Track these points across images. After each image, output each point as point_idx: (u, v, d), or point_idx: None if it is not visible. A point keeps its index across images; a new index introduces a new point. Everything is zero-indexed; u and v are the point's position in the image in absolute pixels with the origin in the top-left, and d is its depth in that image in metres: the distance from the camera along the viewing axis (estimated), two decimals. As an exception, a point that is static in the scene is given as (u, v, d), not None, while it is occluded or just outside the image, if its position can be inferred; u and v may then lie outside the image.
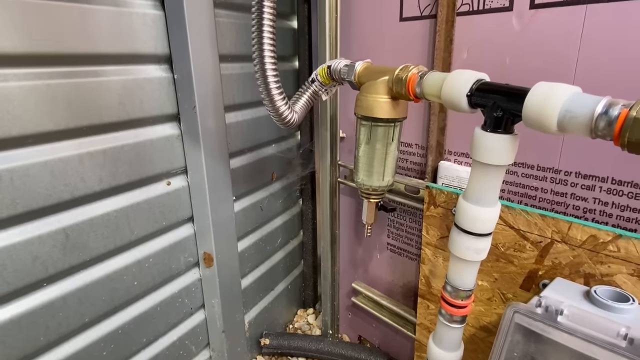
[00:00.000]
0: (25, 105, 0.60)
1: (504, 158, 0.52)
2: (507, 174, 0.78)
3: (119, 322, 0.80)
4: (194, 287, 0.95)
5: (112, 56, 0.71)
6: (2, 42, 0.57)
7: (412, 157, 0.94)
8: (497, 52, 0.74)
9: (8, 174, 0.60)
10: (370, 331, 1.21)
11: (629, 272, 0.61)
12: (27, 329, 0.65)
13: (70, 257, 0.70)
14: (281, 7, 1.05)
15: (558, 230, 0.68)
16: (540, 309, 0.56)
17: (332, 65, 0.76)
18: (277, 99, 0.72)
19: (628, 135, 0.40)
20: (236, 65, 0.94)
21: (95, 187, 0.71)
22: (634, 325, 0.52)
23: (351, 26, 0.96)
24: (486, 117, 0.53)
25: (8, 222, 0.62)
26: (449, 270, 0.64)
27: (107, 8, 0.68)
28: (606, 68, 0.63)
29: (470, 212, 0.57)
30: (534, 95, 0.46)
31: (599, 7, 0.62)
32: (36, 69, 0.62)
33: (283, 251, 1.27)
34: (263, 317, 1.21)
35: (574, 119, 0.43)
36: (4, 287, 0.62)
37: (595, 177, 0.68)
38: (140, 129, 0.78)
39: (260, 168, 1.09)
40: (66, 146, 0.67)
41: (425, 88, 0.60)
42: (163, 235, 0.87)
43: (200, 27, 0.78)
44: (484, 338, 0.82)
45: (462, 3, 0.77)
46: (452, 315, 0.65)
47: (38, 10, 0.60)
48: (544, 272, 0.71)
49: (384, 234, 1.06)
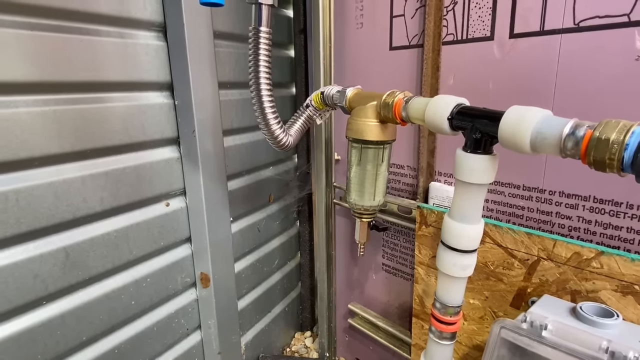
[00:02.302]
0: (33, 129, 0.64)
1: (485, 177, 0.55)
2: (494, 194, 0.81)
3: (115, 341, 0.80)
4: (191, 307, 0.96)
5: (117, 84, 0.75)
6: (14, 72, 0.61)
7: (404, 179, 0.97)
8: (481, 77, 0.78)
9: (14, 194, 0.62)
10: (367, 354, 1.20)
11: (613, 288, 0.63)
12: (26, 346, 0.66)
13: (70, 276, 0.71)
14: (279, 37, 1.10)
15: (544, 247, 0.69)
16: (526, 324, 0.58)
17: (325, 91, 0.80)
18: (273, 123, 0.75)
19: (593, 154, 0.42)
20: (235, 91, 0.98)
21: (96, 207, 0.74)
22: (617, 339, 0.54)
23: (344, 55, 1.01)
24: (466, 139, 0.56)
25: (12, 241, 0.64)
26: (438, 287, 0.65)
27: (113, 39, 0.72)
28: (582, 91, 0.67)
29: (455, 229, 0.59)
30: (508, 118, 0.50)
31: (573, 36, 0.66)
32: (44, 95, 0.65)
33: (280, 273, 1.27)
34: (260, 340, 1.20)
35: (544, 140, 0.46)
36: (5, 305, 0.63)
37: (578, 196, 0.70)
38: (142, 152, 0.81)
39: (257, 190, 1.11)
40: (70, 168, 0.70)
41: (411, 112, 0.64)
42: (161, 255, 0.88)
43: (200, 56, 0.82)
44: (477, 357, 0.83)
45: (447, 33, 0.81)
46: (442, 332, 0.66)
47: (49, 42, 0.64)
48: (532, 289, 0.72)
49: (378, 254, 1.07)
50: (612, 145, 0.41)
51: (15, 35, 0.60)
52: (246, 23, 0.74)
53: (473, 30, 0.77)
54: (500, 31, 0.74)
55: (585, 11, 0.64)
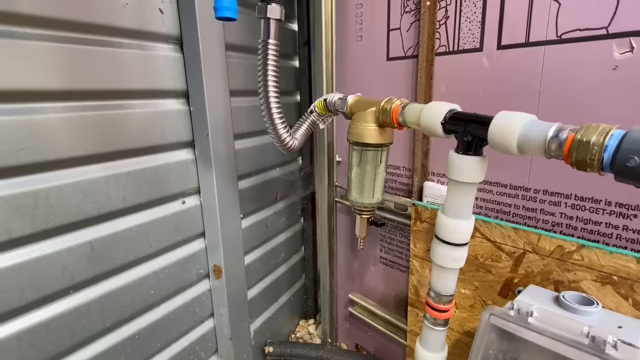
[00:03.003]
0: (62, 133, 0.64)
1: (475, 176, 0.55)
2: (483, 192, 0.81)
3: (136, 327, 0.81)
4: (204, 297, 0.96)
5: (138, 92, 0.75)
6: (45, 81, 0.61)
7: (401, 178, 0.97)
8: (471, 85, 0.78)
9: (44, 193, 0.63)
10: (366, 339, 1.20)
11: (593, 278, 0.63)
12: (55, 332, 0.67)
13: (95, 268, 0.72)
14: (285, 49, 1.10)
15: (529, 241, 0.70)
16: (513, 312, 0.58)
17: (327, 98, 0.80)
18: (280, 128, 0.76)
19: (575, 155, 0.43)
20: (244, 99, 0.98)
21: (119, 204, 0.74)
22: (597, 325, 0.54)
23: (345, 65, 1.01)
24: (458, 142, 0.56)
25: (42, 235, 0.64)
26: (432, 278, 0.65)
27: (134, 51, 0.73)
28: (564, 97, 0.67)
29: (448, 224, 0.59)
30: (497, 122, 0.50)
31: (556, 47, 0.66)
32: (72, 102, 0.66)
33: (286, 265, 1.27)
34: (267, 327, 1.20)
35: (530, 142, 0.46)
36: (35, 294, 0.64)
37: (560, 194, 0.71)
38: (160, 154, 0.81)
39: (265, 189, 1.11)
40: (95, 169, 0.70)
41: (407, 117, 0.64)
42: (177, 249, 0.88)
43: (213, 66, 0.82)
44: (468, 342, 0.83)
45: (440, 45, 0.81)
46: (436, 318, 0.66)
47: (76, 54, 0.65)
48: (518, 280, 0.72)
49: (377, 248, 1.08)
50: (592, 147, 0.41)
51: (47, 47, 0.61)
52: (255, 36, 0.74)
53: (463, 42, 0.77)
54: (488, 43, 0.74)
55: (567, 24, 0.64)
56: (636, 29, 0.58)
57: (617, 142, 0.40)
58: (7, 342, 0.61)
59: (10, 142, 0.58)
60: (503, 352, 0.57)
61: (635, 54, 0.59)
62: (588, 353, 0.49)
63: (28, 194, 0.61)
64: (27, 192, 0.61)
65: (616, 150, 0.40)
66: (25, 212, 0.61)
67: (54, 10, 0.61)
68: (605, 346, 0.49)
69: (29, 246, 0.63)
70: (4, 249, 0.60)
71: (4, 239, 0.59)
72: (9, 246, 0.61)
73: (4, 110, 0.58)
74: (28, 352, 0.64)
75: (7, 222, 0.59)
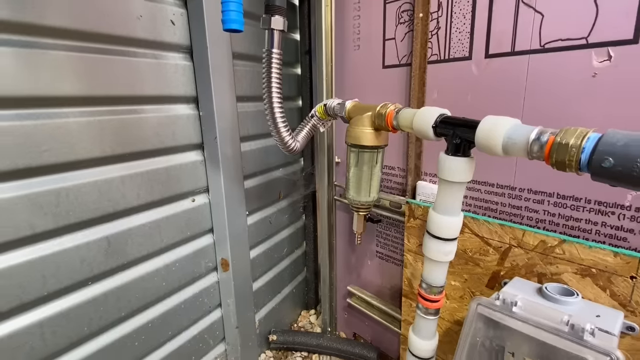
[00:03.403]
0: (80, 136, 0.65)
1: (463, 176, 0.56)
2: (472, 191, 0.82)
3: (149, 316, 0.81)
4: (213, 288, 0.97)
5: (151, 97, 0.76)
6: (65, 87, 0.62)
7: (395, 178, 0.98)
8: (461, 91, 0.79)
9: (65, 191, 0.64)
10: (363, 328, 1.21)
11: (573, 271, 0.64)
12: (75, 320, 0.68)
13: (111, 261, 0.73)
14: (288, 58, 1.11)
15: (514, 237, 0.70)
16: (499, 302, 0.58)
17: (327, 103, 0.81)
18: (283, 131, 0.76)
19: (555, 156, 0.43)
20: (250, 104, 0.99)
21: (133, 202, 0.75)
22: (577, 314, 0.54)
23: (344, 72, 1.02)
24: (448, 144, 0.56)
25: (63, 231, 0.65)
26: (424, 270, 0.66)
27: (148, 60, 0.74)
28: (547, 103, 0.67)
29: (438, 220, 0.60)
30: (483, 126, 0.50)
31: (539, 56, 0.67)
32: (91, 107, 0.67)
33: (289, 259, 1.28)
34: (271, 316, 1.21)
35: (514, 144, 0.47)
36: (56, 285, 0.65)
37: (544, 193, 0.71)
38: (172, 156, 0.82)
39: (269, 188, 1.12)
40: (111, 169, 0.71)
41: (400, 121, 0.65)
42: (188, 244, 0.89)
43: (221, 74, 0.83)
44: (458, 331, 0.83)
45: (432, 54, 0.82)
46: (428, 308, 0.66)
47: (94, 62, 0.65)
48: (504, 272, 0.73)
49: (373, 243, 1.08)
50: (571, 148, 0.42)
51: (67, 56, 0.62)
52: (260, 45, 0.75)
53: (454, 51, 0.78)
54: (477, 52, 0.75)
55: (549, 35, 0.65)
56: (613, 39, 0.59)
57: (593, 144, 0.40)
58: (30, 329, 0.62)
59: (35, 144, 0.59)
60: (489, 339, 0.57)
61: (613, 62, 0.60)
62: (567, 340, 0.50)
63: (50, 192, 0.62)
64: (49, 191, 0.62)
65: (592, 151, 0.40)
66: (48, 210, 0.62)
67: (75, 23, 0.62)
68: (583, 333, 0.49)
69: (51, 240, 0.64)
70: (29, 243, 0.61)
71: (28, 233, 0.60)
72: (32, 240, 0.62)
73: (30, 114, 0.59)
74: (50, 339, 0.64)
75: (31, 218, 0.60)
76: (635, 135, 0.38)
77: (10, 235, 0.58)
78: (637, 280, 0.57)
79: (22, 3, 0.55)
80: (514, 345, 0.55)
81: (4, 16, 0.54)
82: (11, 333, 0.60)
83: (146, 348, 0.82)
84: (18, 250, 0.60)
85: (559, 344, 0.50)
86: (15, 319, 0.61)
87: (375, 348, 1.14)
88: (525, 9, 0.67)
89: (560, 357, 0.50)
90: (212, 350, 1.00)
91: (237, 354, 1.04)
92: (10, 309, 0.60)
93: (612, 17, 0.59)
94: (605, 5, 0.59)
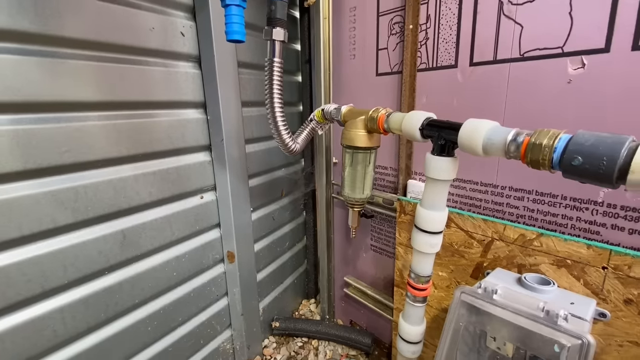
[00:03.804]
0: (98, 138, 0.66)
1: (448, 174, 0.56)
2: (458, 188, 0.82)
3: (161, 304, 0.82)
4: (220, 278, 0.98)
5: (163, 103, 0.77)
6: (84, 93, 0.63)
7: (388, 177, 0.98)
8: (448, 96, 0.79)
9: (83, 188, 0.65)
10: (359, 316, 1.21)
11: (550, 262, 0.64)
12: (93, 307, 0.69)
13: (126, 252, 0.74)
14: (289, 66, 1.12)
15: (496, 231, 0.71)
16: (480, 290, 0.59)
17: (325, 108, 0.81)
18: (284, 134, 0.77)
19: (530, 156, 0.44)
20: (254, 109, 0.99)
21: (146, 199, 0.76)
22: (552, 301, 0.55)
23: (341, 79, 1.02)
24: (434, 145, 0.57)
25: (82, 224, 0.66)
26: (412, 261, 0.66)
27: (160, 68, 0.75)
28: (526, 107, 0.68)
29: (425, 215, 0.61)
30: (465, 128, 0.51)
31: (519, 64, 0.67)
32: (107, 112, 0.68)
33: (290, 252, 1.28)
34: (274, 305, 1.22)
35: (493, 145, 0.48)
36: (76, 274, 0.66)
37: (523, 190, 0.72)
38: (182, 156, 0.83)
39: (272, 186, 1.12)
40: (126, 168, 0.72)
41: (391, 124, 0.65)
42: (196, 237, 0.90)
43: (227, 81, 0.84)
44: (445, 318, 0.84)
45: (421, 62, 0.82)
46: (416, 296, 0.67)
47: (111, 70, 0.66)
48: (487, 263, 0.73)
49: (368, 237, 1.09)
50: (544, 148, 0.42)
51: (86, 65, 0.63)
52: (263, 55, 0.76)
53: (441, 60, 0.79)
54: (462, 60, 0.75)
55: (528, 44, 0.65)
56: (587, 48, 0.59)
57: (564, 145, 0.41)
58: (52, 314, 0.63)
59: (56, 145, 0.60)
60: (472, 324, 0.58)
61: (586, 69, 0.60)
62: (543, 324, 0.50)
63: (70, 189, 0.63)
64: (69, 188, 0.63)
65: (563, 151, 0.41)
66: (68, 205, 0.63)
67: (93, 34, 0.63)
68: (557, 319, 0.50)
69: (71, 233, 0.65)
70: (51, 236, 0.62)
71: (50, 227, 0.61)
72: (54, 233, 0.63)
73: (51, 118, 0.60)
74: (70, 323, 0.66)
75: (52, 213, 0.61)
76: (602, 136, 0.39)
77: (35, 227, 0.60)
78: (608, 270, 0.58)
79: (44, 17, 0.56)
80: (494, 329, 0.56)
81: (29, 29, 0.55)
82: (35, 317, 0.61)
83: (159, 333, 0.83)
84: (42, 241, 0.61)
85: (535, 328, 0.51)
86: (39, 304, 0.62)
87: (370, 334, 1.14)
88: (506, 20, 0.68)
89: (535, 341, 0.50)
90: (219, 335, 1.00)
91: (243, 339, 1.04)
92: (35, 295, 0.61)
93: (586, 29, 0.59)
94: (579, 17, 0.60)
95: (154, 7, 0.72)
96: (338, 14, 0.97)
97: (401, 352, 0.73)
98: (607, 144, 0.37)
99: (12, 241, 0.58)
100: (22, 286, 0.59)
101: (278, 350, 1.15)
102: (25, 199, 0.58)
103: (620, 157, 0.36)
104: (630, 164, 0.36)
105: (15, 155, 0.56)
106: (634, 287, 0.56)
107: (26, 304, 0.60)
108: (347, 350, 1.16)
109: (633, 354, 0.56)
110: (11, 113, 0.56)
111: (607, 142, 0.37)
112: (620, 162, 0.36)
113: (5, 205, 0.56)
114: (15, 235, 0.57)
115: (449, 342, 0.60)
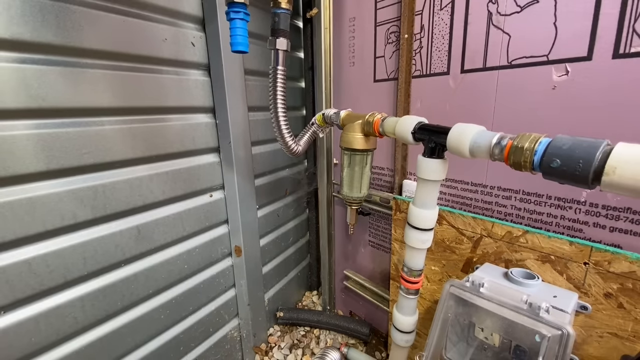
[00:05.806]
0: (115, 141, 0.67)
1: (438, 175, 0.57)
2: (449, 188, 0.82)
3: (173, 294, 0.83)
4: (228, 271, 0.98)
5: (175, 108, 0.78)
6: (102, 100, 0.65)
7: (384, 177, 0.99)
8: (440, 101, 0.79)
9: (102, 187, 0.66)
10: (358, 307, 1.22)
11: (535, 257, 0.64)
12: (110, 296, 0.70)
13: (141, 246, 0.75)
14: (293, 73, 1.12)
15: (485, 228, 0.71)
16: (468, 283, 0.59)
17: (325, 112, 0.82)
18: (286, 136, 0.78)
19: (512, 158, 0.44)
20: (260, 113, 1.00)
21: (159, 197, 0.77)
22: (535, 294, 0.55)
23: (341, 85, 1.03)
24: (425, 147, 0.58)
25: (100, 220, 0.68)
26: (405, 256, 0.67)
27: (172, 76, 0.76)
28: (514, 111, 0.68)
29: (417, 213, 0.61)
30: (453, 132, 0.52)
31: (507, 71, 0.67)
32: (123, 117, 0.69)
33: (294, 247, 1.28)
34: (279, 296, 1.22)
35: (479, 148, 0.48)
36: (94, 266, 0.67)
37: (511, 190, 0.72)
38: (192, 158, 0.84)
39: (277, 185, 1.13)
40: (141, 169, 0.73)
41: (385, 128, 0.66)
42: (206, 232, 0.90)
43: (234, 88, 0.85)
44: (437, 309, 0.84)
45: (415, 69, 0.83)
46: (408, 289, 0.68)
47: (126, 78, 0.68)
48: (477, 259, 0.74)
49: (366, 233, 1.09)
50: (525, 151, 0.43)
51: (103, 74, 0.64)
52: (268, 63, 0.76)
53: (434, 67, 0.79)
54: (454, 68, 0.75)
55: (515, 53, 0.66)
56: (570, 56, 0.59)
57: (544, 148, 0.41)
58: (73, 302, 0.65)
59: (77, 148, 0.62)
60: (460, 316, 0.58)
61: (570, 76, 0.60)
62: (525, 316, 0.51)
63: (89, 188, 0.65)
64: (88, 187, 0.64)
65: (543, 154, 0.41)
66: (87, 202, 0.65)
67: (110, 45, 0.64)
68: (539, 311, 0.50)
69: (90, 228, 0.67)
70: (71, 231, 0.64)
71: (71, 222, 0.63)
72: (75, 228, 0.64)
73: (72, 123, 0.61)
74: (90, 311, 0.67)
75: (73, 209, 0.63)
76: (579, 139, 0.39)
77: (57, 223, 0.61)
78: (589, 265, 0.58)
79: (66, 29, 0.58)
80: (480, 320, 0.56)
81: (52, 41, 0.57)
82: (58, 305, 0.63)
83: (171, 321, 0.84)
84: (63, 236, 0.63)
85: (518, 319, 0.51)
86: (61, 293, 0.64)
87: (368, 324, 1.15)
88: (495, 30, 0.68)
89: (518, 331, 0.51)
90: (227, 324, 1.02)
91: (249, 328, 1.05)
92: (57, 285, 0.63)
93: (569, 38, 0.59)
94: (563, 28, 0.60)
95: (167, 19, 0.73)
96: (338, 24, 0.98)
97: (395, 340, 0.74)
98: (583, 148, 0.37)
99: (37, 235, 0.59)
100: (46, 276, 0.61)
101: (282, 339, 1.17)
102: (49, 197, 0.59)
103: (595, 160, 0.37)
104: (604, 166, 0.36)
105: (39, 157, 0.58)
106: (613, 282, 0.56)
107: (49, 293, 0.62)
108: (347, 339, 1.17)
109: (612, 345, 0.57)
110: (36, 118, 0.58)
111: (583, 146, 0.38)
112: (595, 164, 0.37)
113: (30, 203, 0.58)
114: (39, 230, 0.59)
115: (438, 331, 0.60)
